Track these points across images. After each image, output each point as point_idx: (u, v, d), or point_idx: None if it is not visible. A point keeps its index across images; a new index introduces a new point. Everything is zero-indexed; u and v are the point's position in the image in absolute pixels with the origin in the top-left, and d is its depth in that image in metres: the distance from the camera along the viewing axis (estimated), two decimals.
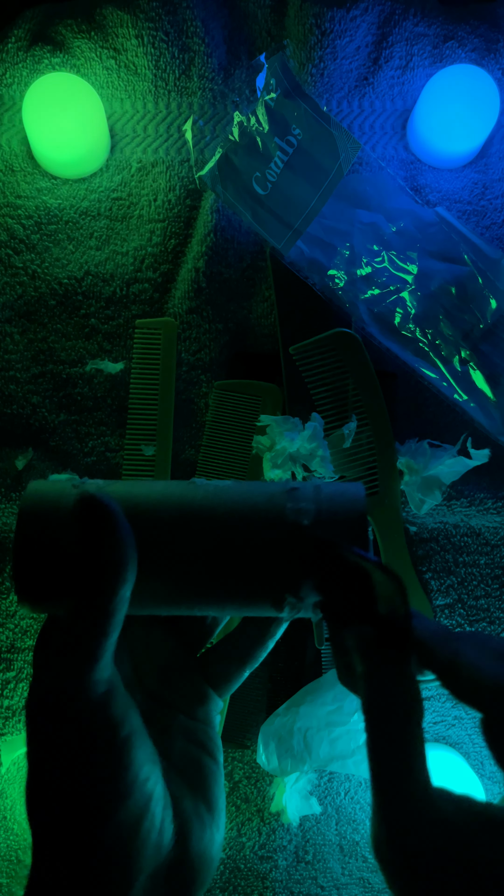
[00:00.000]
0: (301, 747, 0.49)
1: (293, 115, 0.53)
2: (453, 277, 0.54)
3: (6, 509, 0.54)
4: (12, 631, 0.54)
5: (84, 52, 0.57)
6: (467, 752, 0.55)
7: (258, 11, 0.58)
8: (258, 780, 0.55)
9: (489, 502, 0.55)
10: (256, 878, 0.54)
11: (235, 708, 0.54)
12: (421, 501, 0.53)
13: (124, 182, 0.58)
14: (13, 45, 0.57)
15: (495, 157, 0.59)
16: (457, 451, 0.53)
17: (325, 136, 0.54)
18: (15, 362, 0.56)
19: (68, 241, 0.57)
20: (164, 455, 0.55)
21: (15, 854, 0.54)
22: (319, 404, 0.54)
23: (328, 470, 0.51)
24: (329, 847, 0.55)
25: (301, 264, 0.55)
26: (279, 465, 0.51)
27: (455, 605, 0.55)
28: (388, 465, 0.53)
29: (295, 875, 0.54)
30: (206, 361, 0.56)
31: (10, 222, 0.57)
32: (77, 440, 0.56)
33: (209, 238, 0.56)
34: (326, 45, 0.57)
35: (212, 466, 0.55)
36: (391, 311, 0.54)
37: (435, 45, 0.58)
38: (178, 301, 0.56)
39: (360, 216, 0.55)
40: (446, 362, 0.54)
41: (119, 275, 0.57)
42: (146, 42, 0.56)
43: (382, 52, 0.58)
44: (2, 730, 0.54)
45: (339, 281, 0.54)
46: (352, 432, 0.52)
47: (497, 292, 0.54)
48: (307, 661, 0.54)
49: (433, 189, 0.58)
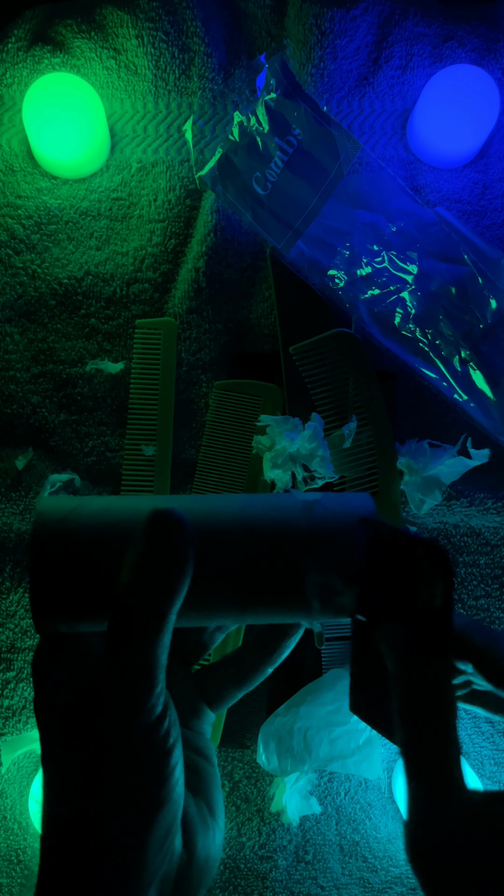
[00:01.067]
0: (301, 747, 0.49)
1: (293, 115, 0.53)
2: (453, 277, 0.54)
3: (6, 509, 0.54)
4: (12, 631, 0.54)
5: (84, 52, 0.57)
6: (467, 752, 0.55)
7: (258, 11, 0.58)
8: (258, 780, 0.55)
9: (489, 502, 0.55)
10: (256, 878, 0.54)
11: (235, 708, 0.54)
12: (421, 501, 0.53)
13: (124, 182, 0.58)
14: (13, 45, 0.57)
15: (495, 157, 0.59)
16: (457, 451, 0.53)
17: (325, 136, 0.54)
18: (15, 362, 0.56)
19: (68, 241, 0.57)
20: (164, 455, 0.55)
21: (15, 854, 0.54)
22: (319, 404, 0.54)
23: (328, 470, 0.51)
24: (329, 847, 0.55)
25: (301, 264, 0.55)
26: (279, 465, 0.51)
27: (455, 604, 0.55)
28: (388, 465, 0.53)
29: (295, 875, 0.54)
30: (206, 361, 0.56)
31: (10, 222, 0.57)
32: (77, 440, 0.56)
33: (209, 238, 0.56)
34: (326, 45, 0.57)
35: (212, 466, 0.55)
36: (391, 311, 0.54)
37: (435, 45, 0.58)
38: (178, 301, 0.56)
39: (360, 216, 0.55)
40: (446, 362, 0.54)
41: (119, 275, 0.57)
42: (146, 42, 0.56)
43: (382, 52, 0.58)
44: (2, 730, 0.54)
45: (339, 281, 0.54)
46: (352, 432, 0.52)
47: (497, 292, 0.54)
48: (307, 661, 0.54)
49: (433, 189, 0.58)
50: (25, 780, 0.55)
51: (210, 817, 0.29)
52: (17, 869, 0.54)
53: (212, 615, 0.28)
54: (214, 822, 0.29)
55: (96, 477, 0.55)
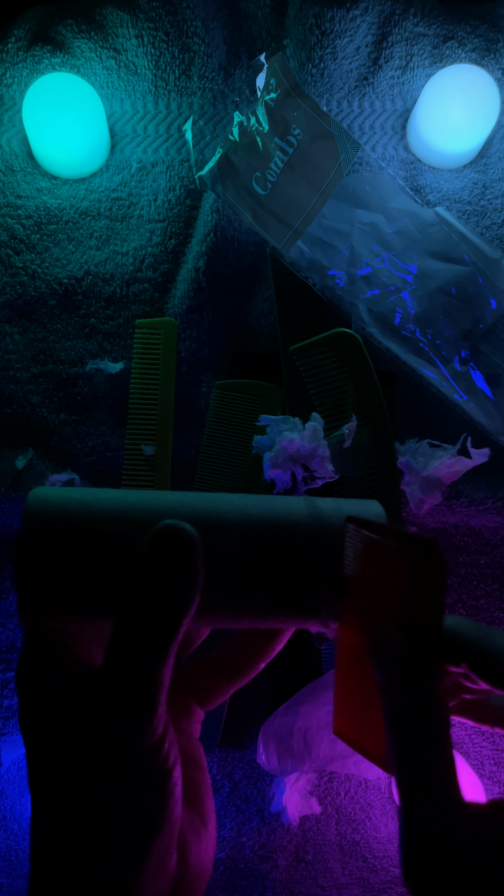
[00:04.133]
0: (301, 747, 0.49)
1: (293, 115, 0.53)
2: (453, 277, 0.54)
3: (6, 509, 0.54)
4: (12, 631, 0.54)
5: (84, 52, 0.57)
6: (467, 752, 0.55)
7: (258, 11, 0.58)
8: (258, 780, 0.55)
9: (489, 502, 0.55)
10: (256, 878, 0.54)
11: (235, 708, 0.54)
12: (421, 501, 0.53)
13: (124, 182, 0.58)
14: (13, 45, 0.57)
15: (495, 157, 0.59)
16: (457, 451, 0.53)
17: (325, 136, 0.54)
18: (15, 362, 0.56)
19: (68, 241, 0.57)
20: (164, 455, 0.55)
21: (15, 854, 0.54)
22: (319, 404, 0.54)
23: (328, 470, 0.51)
24: (329, 847, 0.55)
25: (301, 264, 0.55)
26: (279, 465, 0.51)
27: (455, 605, 0.55)
28: (388, 465, 0.53)
29: (295, 875, 0.54)
30: (206, 361, 0.56)
31: (10, 222, 0.57)
32: (77, 440, 0.56)
33: (209, 238, 0.56)
34: (326, 45, 0.57)
35: (212, 466, 0.55)
36: (391, 311, 0.54)
37: (435, 45, 0.58)
38: (178, 301, 0.56)
39: (360, 216, 0.55)
40: (446, 362, 0.54)
41: (119, 275, 0.57)
42: (146, 42, 0.56)
43: (382, 52, 0.58)
44: (2, 730, 0.54)
45: (339, 281, 0.54)
46: (352, 432, 0.52)
47: (497, 292, 0.54)
48: (307, 661, 0.54)
49: (433, 189, 0.58)
50: (25, 781, 0.55)
51: (202, 827, 0.28)
52: (17, 869, 0.54)
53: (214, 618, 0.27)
54: (206, 832, 0.28)
55: (96, 477, 0.55)
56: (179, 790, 0.25)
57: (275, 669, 0.54)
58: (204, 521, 0.26)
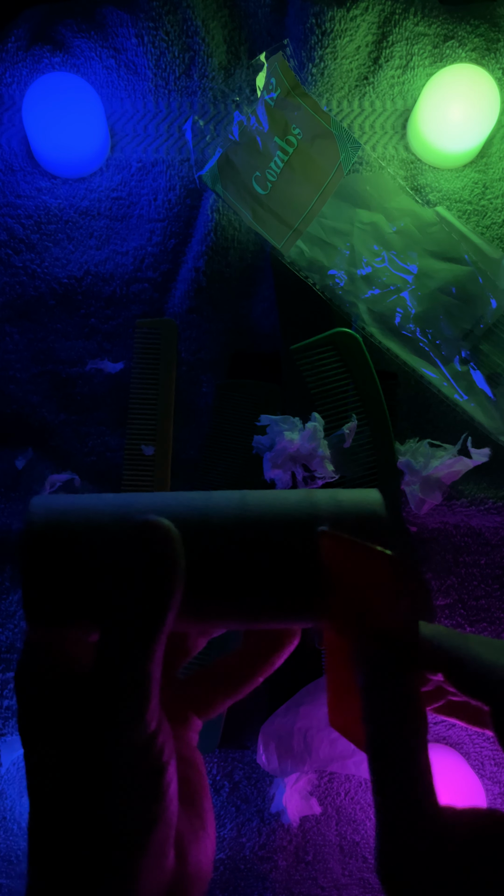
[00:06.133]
0: (301, 747, 0.49)
1: (293, 114, 0.53)
2: (454, 277, 0.54)
3: (6, 509, 0.54)
4: (12, 631, 0.54)
5: (84, 51, 0.57)
6: (467, 753, 0.55)
7: (258, 11, 0.58)
8: (258, 780, 0.55)
9: (489, 502, 0.55)
10: (256, 878, 0.54)
11: (235, 708, 0.54)
12: (421, 501, 0.53)
13: (124, 182, 0.58)
14: (13, 45, 0.57)
15: (495, 157, 0.59)
16: (457, 451, 0.53)
17: (325, 136, 0.54)
18: (15, 362, 0.56)
19: (68, 240, 0.57)
20: (164, 455, 0.55)
21: (15, 854, 0.54)
22: (319, 404, 0.54)
23: (328, 470, 0.51)
24: (329, 847, 0.55)
25: (301, 264, 0.55)
26: (279, 465, 0.51)
27: (455, 605, 0.55)
28: (388, 465, 0.53)
29: (295, 875, 0.54)
30: (206, 361, 0.56)
31: (9, 222, 0.57)
32: (77, 440, 0.56)
33: (209, 238, 0.56)
34: (326, 45, 0.57)
35: (212, 466, 0.55)
36: (391, 310, 0.54)
37: (435, 45, 0.58)
38: (178, 301, 0.56)
39: (360, 216, 0.55)
40: (446, 362, 0.54)
41: (119, 274, 0.57)
42: (146, 41, 0.56)
43: (382, 52, 0.58)
44: (2, 730, 0.54)
45: (339, 281, 0.54)
46: (352, 432, 0.52)
47: (497, 292, 0.54)
48: (307, 661, 0.54)
49: (433, 189, 0.58)
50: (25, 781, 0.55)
51: (201, 829, 0.28)
52: (16, 869, 0.54)
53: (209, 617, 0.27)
54: (205, 833, 0.28)
55: (96, 477, 0.55)
56: (175, 787, 0.25)
57: (276, 670, 0.54)
58: (200, 517, 0.27)
